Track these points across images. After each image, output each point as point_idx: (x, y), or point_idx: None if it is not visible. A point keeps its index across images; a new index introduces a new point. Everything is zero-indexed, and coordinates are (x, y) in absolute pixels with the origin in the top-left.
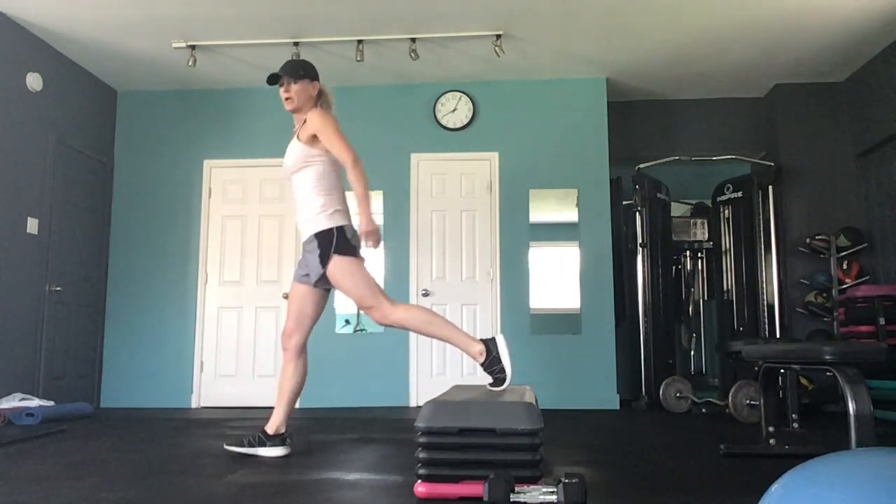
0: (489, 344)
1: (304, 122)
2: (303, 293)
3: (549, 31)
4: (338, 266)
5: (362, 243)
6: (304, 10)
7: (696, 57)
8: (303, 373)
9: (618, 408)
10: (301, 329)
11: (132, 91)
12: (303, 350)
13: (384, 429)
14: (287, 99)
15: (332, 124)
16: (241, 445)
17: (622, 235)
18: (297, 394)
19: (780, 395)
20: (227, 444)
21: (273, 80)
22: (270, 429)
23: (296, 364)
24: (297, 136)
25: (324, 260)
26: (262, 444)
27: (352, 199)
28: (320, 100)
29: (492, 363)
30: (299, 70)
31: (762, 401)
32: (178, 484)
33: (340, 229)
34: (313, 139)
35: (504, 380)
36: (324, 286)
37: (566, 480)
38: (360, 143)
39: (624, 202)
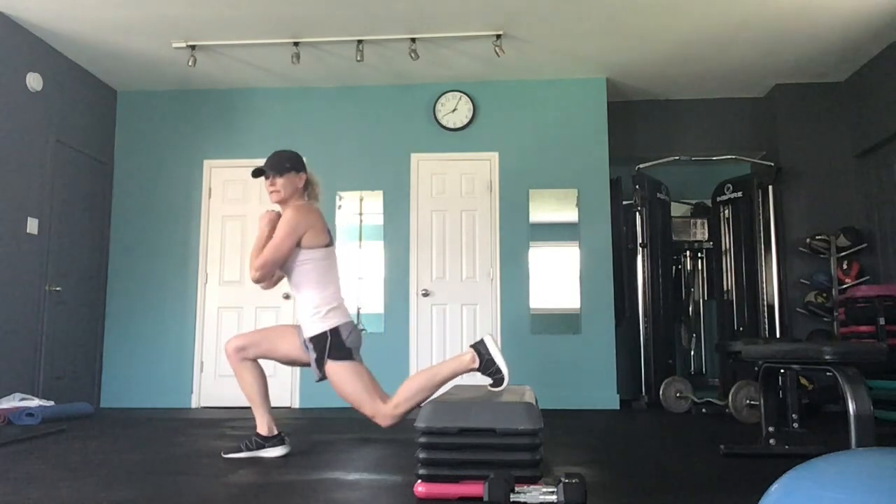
0: (479, 348)
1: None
2: (291, 344)
3: (549, 31)
4: (333, 371)
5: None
6: (304, 10)
7: (696, 57)
8: (259, 371)
9: (618, 408)
10: (255, 353)
11: (132, 91)
12: (246, 359)
13: (384, 429)
14: (273, 192)
15: (291, 226)
16: (240, 451)
17: (622, 235)
18: (265, 392)
19: (780, 395)
20: (225, 453)
21: (257, 173)
22: (263, 431)
23: (247, 367)
24: None
25: (320, 364)
26: (261, 447)
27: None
28: (307, 189)
29: (487, 366)
30: (285, 163)
31: (762, 401)
32: (178, 484)
33: (335, 331)
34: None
35: (503, 379)
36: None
37: (566, 480)
38: (360, 143)
39: (624, 202)
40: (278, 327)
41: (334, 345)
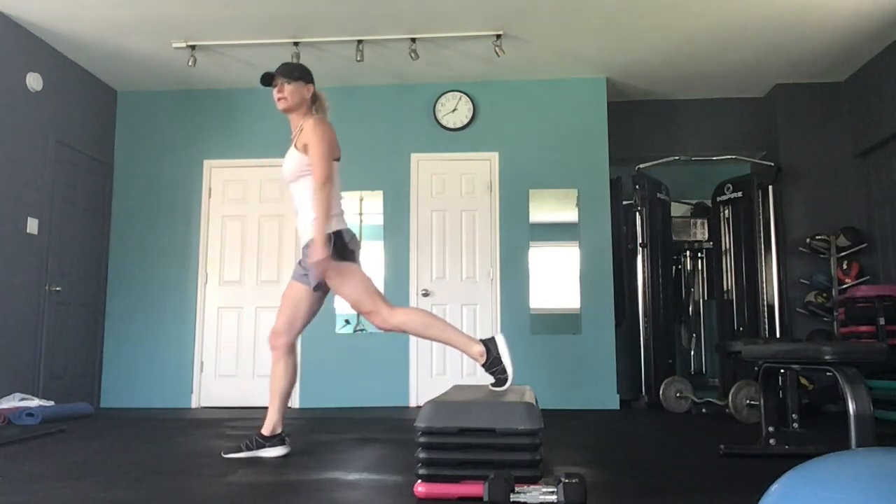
0: (489, 344)
1: (301, 129)
2: (300, 293)
3: (549, 31)
4: (335, 271)
5: (356, 251)
6: (304, 10)
7: (696, 57)
8: (293, 372)
9: (618, 408)
10: (291, 330)
11: (132, 91)
12: (292, 349)
13: (384, 429)
14: (280, 99)
15: (321, 137)
16: (240, 451)
17: (622, 235)
18: (288, 393)
19: (780, 395)
20: (225, 453)
21: (266, 79)
22: (266, 430)
23: (285, 363)
24: (295, 145)
25: None
26: (261, 447)
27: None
28: (315, 104)
29: (493, 364)
30: (294, 71)
31: (762, 401)
32: (178, 484)
33: (338, 234)
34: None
35: (506, 380)
36: (322, 289)
37: (566, 480)
38: (360, 143)
39: (624, 202)
40: (287, 295)
41: (338, 246)
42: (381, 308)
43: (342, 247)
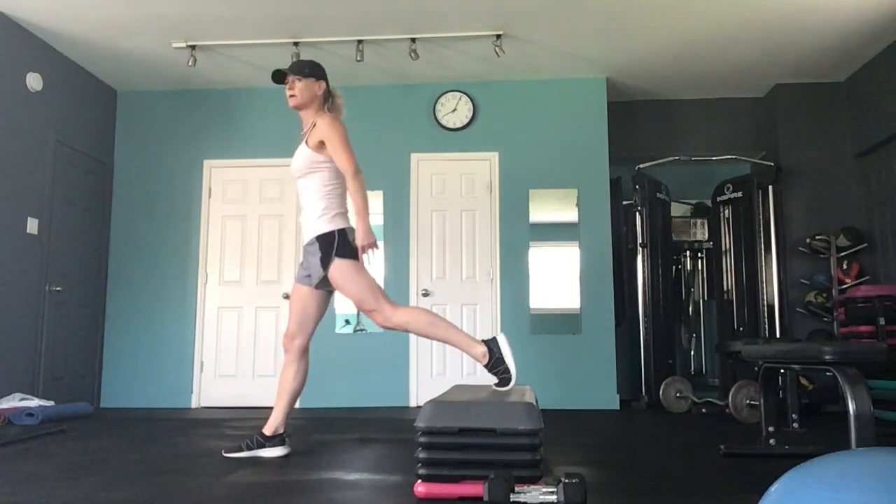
0: (491, 345)
1: (313, 125)
2: (305, 294)
3: (549, 31)
4: (339, 269)
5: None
6: (304, 10)
7: (696, 57)
8: (304, 375)
9: (618, 408)
10: (304, 331)
11: (132, 91)
12: (305, 352)
13: (384, 429)
14: (291, 96)
15: (340, 133)
16: (240, 450)
17: (622, 235)
18: (296, 396)
19: (780, 395)
20: (226, 452)
21: (278, 76)
22: (268, 430)
23: (297, 366)
24: (306, 141)
25: (325, 262)
26: (262, 446)
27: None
28: (328, 103)
29: (496, 364)
30: (305, 68)
31: (762, 401)
32: (178, 484)
33: (342, 232)
34: (320, 145)
35: (509, 380)
36: (325, 288)
37: (566, 480)
38: (360, 143)
39: (624, 202)
40: (293, 299)
41: (342, 244)
42: (384, 307)
43: (346, 245)
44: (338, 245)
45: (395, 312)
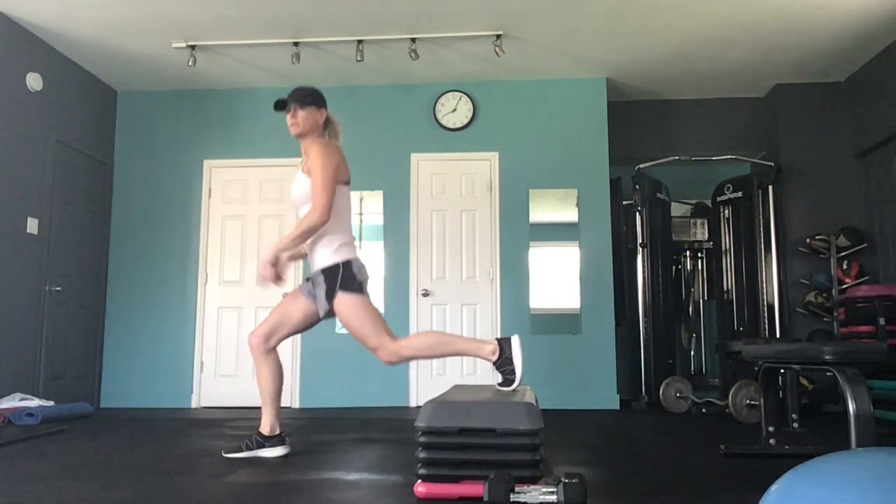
0: (503, 343)
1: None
2: (298, 305)
3: (549, 31)
4: (342, 303)
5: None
6: (304, 10)
7: (696, 57)
8: (278, 371)
9: (618, 408)
10: (273, 334)
11: (132, 91)
12: (272, 349)
13: (384, 429)
14: (293, 125)
15: (327, 164)
16: (240, 450)
17: (622, 235)
18: (279, 392)
19: (780, 395)
20: (226, 452)
21: (280, 105)
22: (265, 430)
23: (268, 364)
24: (302, 169)
25: (330, 296)
26: (262, 446)
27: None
28: (327, 129)
29: (503, 363)
30: (307, 97)
31: (762, 401)
32: (178, 484)
33: (347, 264)
34: None
35: (513, 381)
36: (329, 317)
37: (566, 480)
38: (361, 143)
39: (624, 202)
40: (285, 301)
41: (346, 277)
42: (388, 343)
43: (350, 278)
44: (342, 279)
45: (398, 347)
